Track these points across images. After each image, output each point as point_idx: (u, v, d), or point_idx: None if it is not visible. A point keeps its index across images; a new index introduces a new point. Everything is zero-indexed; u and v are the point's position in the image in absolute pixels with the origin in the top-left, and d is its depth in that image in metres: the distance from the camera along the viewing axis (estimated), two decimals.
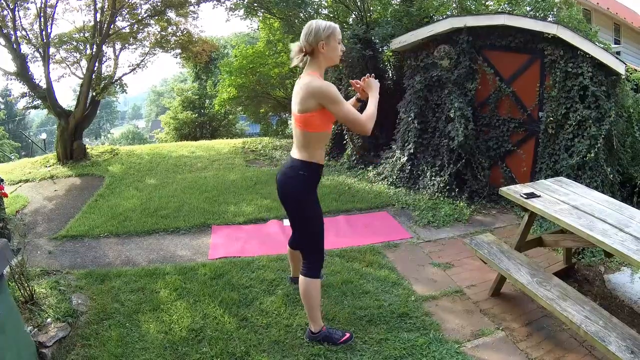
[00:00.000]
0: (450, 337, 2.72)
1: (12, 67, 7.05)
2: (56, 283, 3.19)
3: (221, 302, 3.04)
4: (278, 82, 10.10)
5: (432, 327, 2.80)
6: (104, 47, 7.45)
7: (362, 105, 2.59)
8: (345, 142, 6.91)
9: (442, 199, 5.09)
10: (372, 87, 2.52)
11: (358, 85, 2.60)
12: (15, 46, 6.84)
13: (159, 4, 7.70)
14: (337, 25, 2.39)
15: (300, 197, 2.45)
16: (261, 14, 8.89)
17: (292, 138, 2.66)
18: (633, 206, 2.84)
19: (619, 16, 13.93)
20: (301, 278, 2.54)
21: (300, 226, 2.57)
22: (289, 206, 2.53)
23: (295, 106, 2.39)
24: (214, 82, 17.46)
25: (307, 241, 2.55)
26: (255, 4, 8.29)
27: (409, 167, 5.61)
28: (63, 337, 2.64)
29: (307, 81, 2.30)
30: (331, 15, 8.58)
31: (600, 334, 2.19)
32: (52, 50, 7.24)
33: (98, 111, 8.97)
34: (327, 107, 2.29)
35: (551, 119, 4.72)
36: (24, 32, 6.99)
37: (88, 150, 7.81)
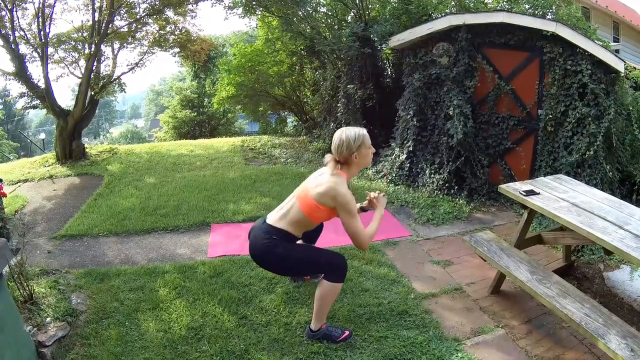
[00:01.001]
0: (450, 335, 2.72)
1: (10, 67, 7.04)
2: (55, 282, 3.19)
3: (220, 301, 3.04)
4: (277, 80, 10.05)
5: (431, 325, 2.80)
6: (102, 47, 7.43)
7: (361, 212, 2.73)
8: None
9: (441, 196, 5.08)
10: (381, 204, 2.65)
11: (368, 198, 2.72)
12: (13, 46, 6.82)
13: (157, 3, 7.68)
14: (365, 132, 2.47)
15: (278, 257, 2.47)
16: (260, 12, 8.85)
17: (291, 137, 2.67)
18: (632, 204, 2.85)
19: (618, 14, 13.92)
20: (323, 281, 2.51)
21: (301, 270, 2.70)
22: (276, 269, 2.61)
23: (312, 189, 2.43)
24: (212, 81, 17.40)
25: (317, 269, 2.65)
26: (254, 2, 8.26)
27: (408, 165, 5.60)
28: (62, 337, 2.64)
29: (335, 183, 2.36)
30: (330, 13, 8.56)
31: (600, 331, 2.20)
32: (50, 50, 7.22)
33: (97, 110, 8.96)
34: (341, 214, 2.38)
35: (550, 116, 4.72)
36: (22, 32, 6.96)
37: (87, 150, 7.80)
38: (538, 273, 2.71)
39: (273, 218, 2.55)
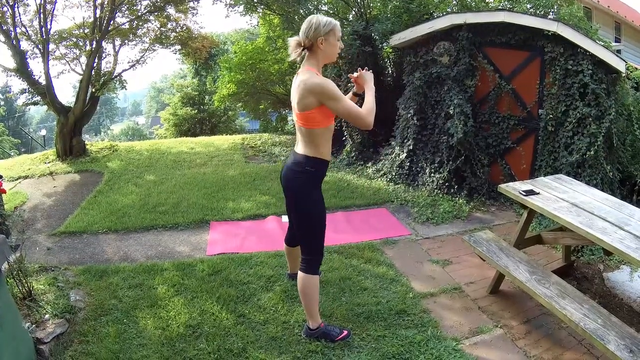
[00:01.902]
0: (449, 335, 2.72)
1: (11, 63, 7.05)
2: (54, 279, 3.19)
3: (219, 299, 3.04)
4: (278, 78, 10.07)
5: (430, 324, 2.79)
6: (103, 43, 7.44)
7: (360, 99, 2.59)
8: (344, 138, 6.90)
9: (441, 195, 5.08)
10: (366, 79, 2.51)
11: (353, 80, 2.59)
12: (14, 42, 6.83)
13: (158, 0, 7.68)
14: (337, 22, 2.37)
15: (305, 193, 2.44)
16: (261, 10, 8.85)
17: (292, 135, 2.65)
18: (632, 204, 2.84)
19: (620, 14, 13.89)
20: (300, 274, 2.53)
21: (302, 223, 2.55)
22: (292, 202, 2.51)
23: (295, 104, 2.36)
24: (213, 78, 17.40)
25: (308, 238, 2.54)
26: (255, 0, 8.26)
27: (408, 164, 5.60)
28: (61, 333, 2.63)
29: (305, 78, 2.27)
30: (331, 11, 8.55)
31: (599, 332, 2.19)
32: (51, 46, 7.24)
33: (98, 107, 8.97)
34: (325, 103, 2.27)
35: (551, 116, 4.71)
36: (23, 29, 6.97)
37: (87, 147, 7.81)
38: (537, 273, 2.70)
39: (298, 148, 2.48)
